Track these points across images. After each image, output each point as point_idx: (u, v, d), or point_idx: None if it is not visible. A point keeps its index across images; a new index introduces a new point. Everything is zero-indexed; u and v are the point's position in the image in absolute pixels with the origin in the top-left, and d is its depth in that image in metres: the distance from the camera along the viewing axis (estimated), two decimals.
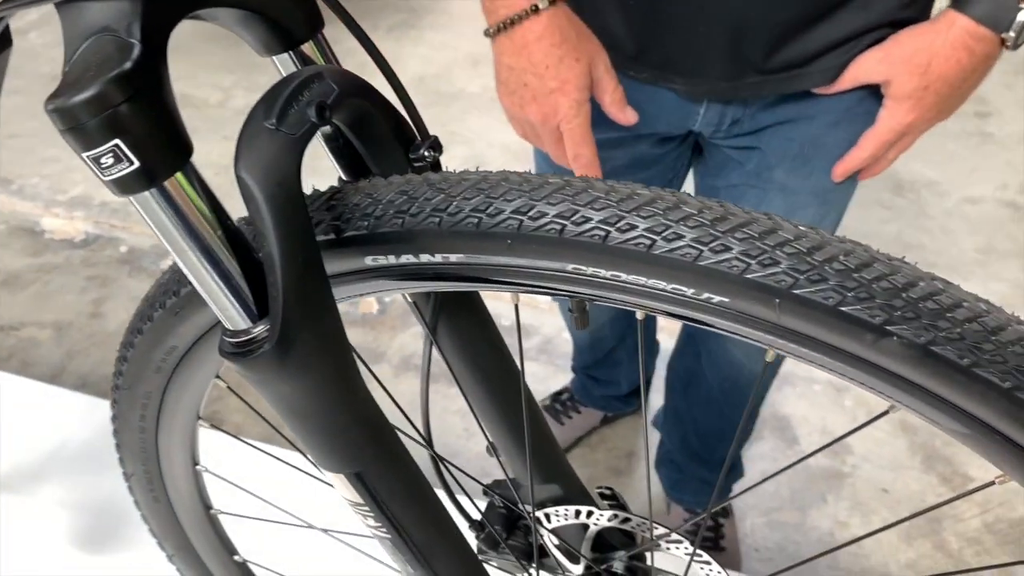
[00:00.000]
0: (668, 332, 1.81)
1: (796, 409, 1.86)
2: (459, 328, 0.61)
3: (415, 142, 0.51)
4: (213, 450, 0.80)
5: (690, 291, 0.42)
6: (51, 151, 2.64)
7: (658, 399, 1.67)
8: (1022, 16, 0.78)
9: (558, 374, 1.93)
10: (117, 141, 0.38)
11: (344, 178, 0.54)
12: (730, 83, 0.92)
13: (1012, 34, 0.79)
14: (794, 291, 0.40)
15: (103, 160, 0.38)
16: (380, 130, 0.50)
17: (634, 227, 0.42)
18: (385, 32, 3.32)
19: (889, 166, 0.95)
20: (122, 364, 0.64)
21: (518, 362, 0.60)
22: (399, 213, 0.46)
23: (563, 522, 0.70)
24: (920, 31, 0.84)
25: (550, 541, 0.73)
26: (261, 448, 0.79)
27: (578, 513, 0.69)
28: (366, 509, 0.52)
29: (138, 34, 0.38)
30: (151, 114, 0.39)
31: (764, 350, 0.45)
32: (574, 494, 0.71)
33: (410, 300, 0.59)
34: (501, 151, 2.63)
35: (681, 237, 0.41)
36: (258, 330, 0.44)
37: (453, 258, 0.46)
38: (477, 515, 0.74)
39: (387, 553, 0.55)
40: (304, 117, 0.43)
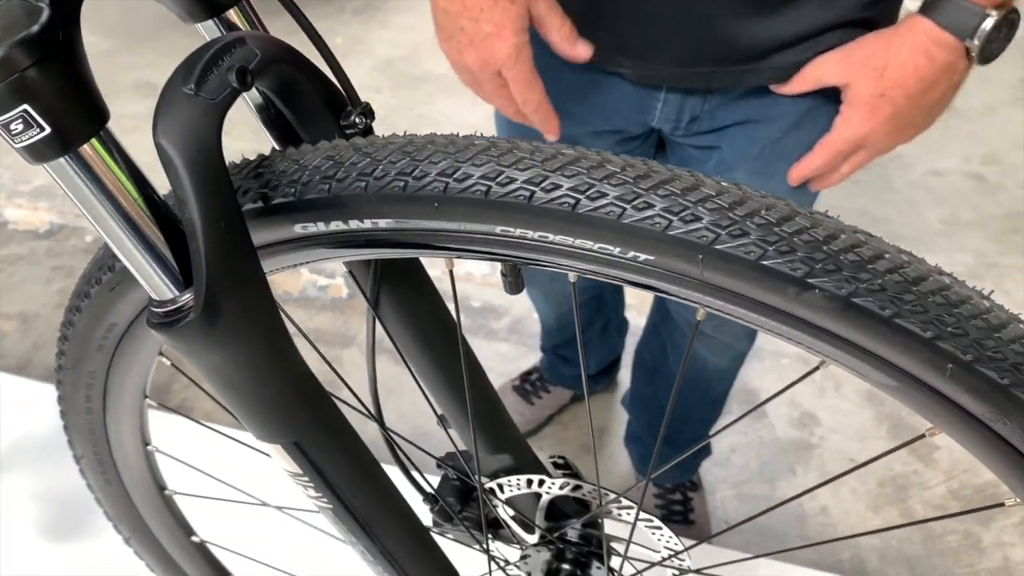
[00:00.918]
0: (637, 310, 1.82)
1: (764, 383, 1.87)
2: (401, 299, 0.61)
3: (346, 109, 0.51)
4: (165, 430, 0.79)
5: (616, 250, 0.42)
6: None
7: (627, 375, 1.68)
8: (988, 24, 0.74)
9: (529, 354, 1.94)
10: (25, 106, 0.37)
11: (277, 148, 0.54)
12: (681, 69, 0.90)
13: (976, 42, 0.75)
14: (716, 246, 0.40)
15: (12, 126, 0.37)
16: (308, 97, 0.49)
17: (558, 187, 0.42)
18: (351, 15, 3.30)
19: (843, 180, 0.92)
20: (63, 343, 0.64)
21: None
22: (325, 179, 0.45)
23: (515, 492, 0.70)
24: (882, 34, 0.81)
25: (504, 512, 0.73)
26: (212, 427, 0.78)
27: (530, 482, 0.69)
28: (306, 480, 0.51)
29: None
30: (61, 79, 0.38)
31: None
32: (526, 463, 0.71)
33: (347, 269, 0.58)
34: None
35: (605, 196, 0.41)
36: (184, 299, 0.44)
37: (382, 223, 0.46)
38: (431, 489, 0.74)
39: (331, 525, 0.55)
40: (224, 82, 0.42)
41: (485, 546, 0.71)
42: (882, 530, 1.67)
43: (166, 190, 0.46)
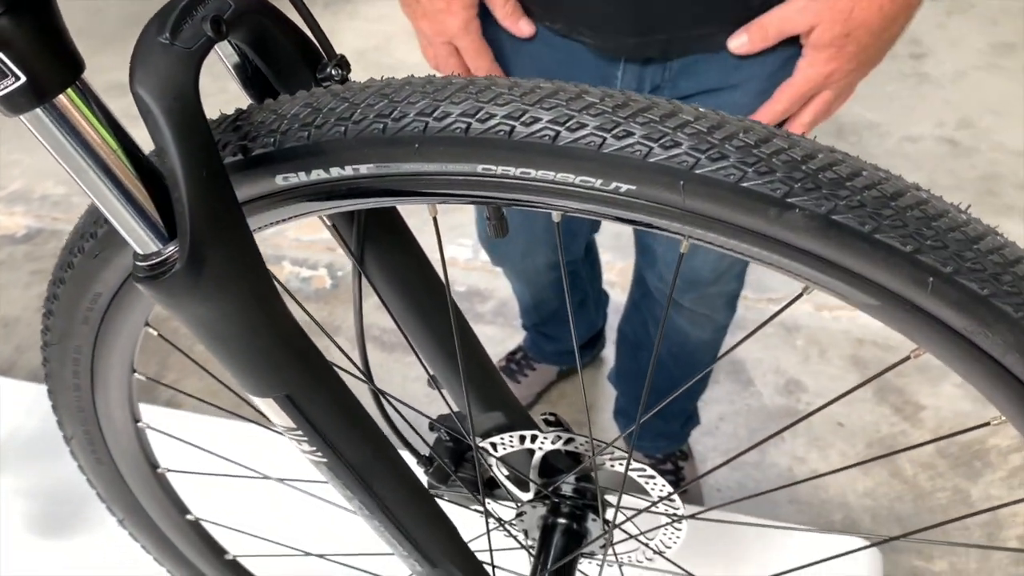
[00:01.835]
0: (620, 288, 1.83)
1: (749, 352, 1.89)
2: (386, 257, 0.61)
3: (322, 61, 0.51)
4: (154, 410, 0.79)
5: (598, 182, 0.43)
6: None
7: (612, 350, 1.69)
8: None
9: (515, 335, 1.94)
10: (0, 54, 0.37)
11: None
12: (637, 39, 0.90)
13: None
14: (696, 171, 0.41)
15: None
16: (284, 49, 0.49)
17: (538, 119, 0.42)
18: (323, 8, 3.28)
19: (805, 131, 0.90)
20: (48, 318, 0.63)
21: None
22: (304, 126, 0.45)
23: (509, 449, 0.71)
24: None
25: (499, 471, 0.74)
26: (205, 400, 0.78)
27: (523, 439, 0.70)
28: (299, 433, 0.52)
29: None
30: (35, 27, 0.38)
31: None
32: (518, 421, 0.71)
33: (330, 223, 0.58)
34: None
35: (584, 126, 0.42)
36: (169, 251, 0.44)
37: (363, 169, 0.46)
38: (426, 451, 0.74)
39: (326, 478, 0.55)
40: (199, 31, 0.42)
41: (482, 503, 0.72)
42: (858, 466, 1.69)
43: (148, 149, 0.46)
